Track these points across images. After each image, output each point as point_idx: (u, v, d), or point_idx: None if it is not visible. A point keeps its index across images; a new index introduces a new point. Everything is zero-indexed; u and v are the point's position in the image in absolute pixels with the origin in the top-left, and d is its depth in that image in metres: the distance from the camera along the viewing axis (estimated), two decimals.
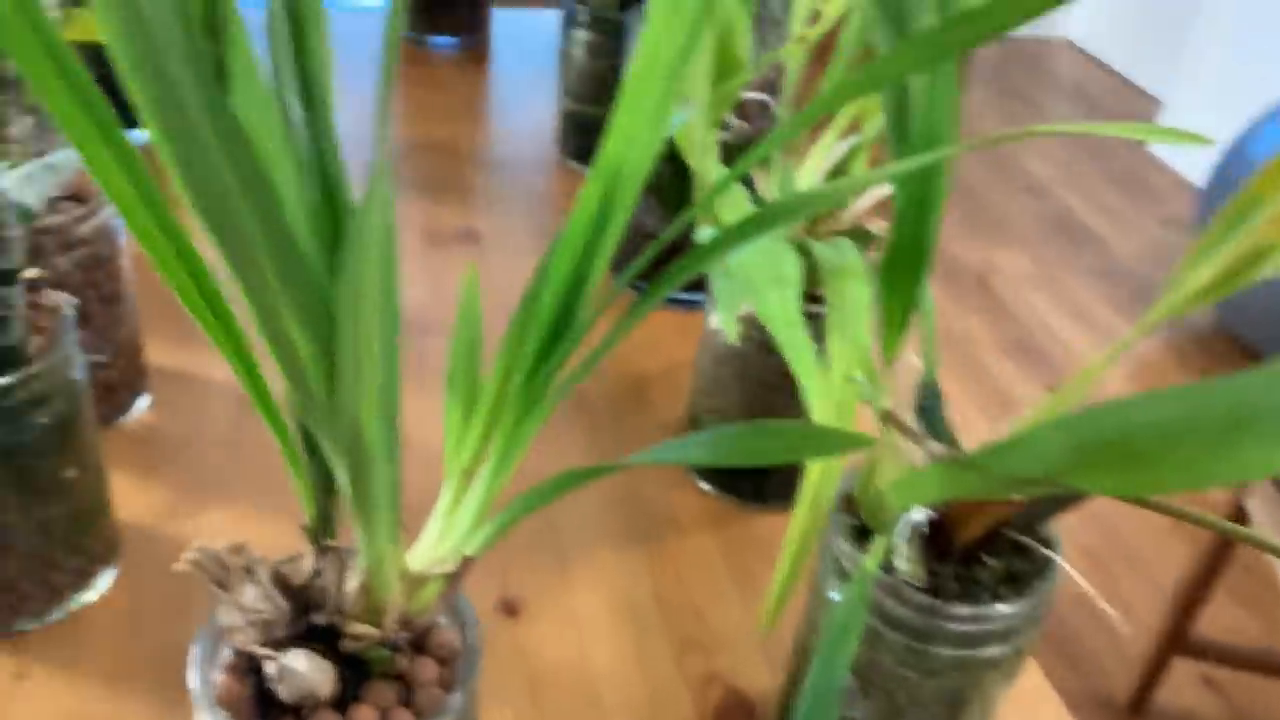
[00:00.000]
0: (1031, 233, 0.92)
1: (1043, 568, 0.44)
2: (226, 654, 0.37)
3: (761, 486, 0.65)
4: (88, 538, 0.54)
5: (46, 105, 0.28)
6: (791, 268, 0.43)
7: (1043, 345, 0.76)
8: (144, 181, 0.30)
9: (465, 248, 0.87)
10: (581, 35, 0.94)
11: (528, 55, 1.22)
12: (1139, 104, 1.21)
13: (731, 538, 0.63)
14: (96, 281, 0.61)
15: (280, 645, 0.36)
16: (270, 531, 0.60)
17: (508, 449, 0.36)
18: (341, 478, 0.32)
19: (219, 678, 0.36)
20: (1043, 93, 1.31)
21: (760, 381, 0.61)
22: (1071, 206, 0.95)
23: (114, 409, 0.65)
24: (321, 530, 0.36)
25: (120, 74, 0.23)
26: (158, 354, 0.70)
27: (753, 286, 0.42)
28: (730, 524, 0.64)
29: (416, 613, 0.37)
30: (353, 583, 0.35)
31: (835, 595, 0.46)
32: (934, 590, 0.43)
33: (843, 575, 0.45)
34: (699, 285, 0.81)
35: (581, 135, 0.99)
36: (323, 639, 0.36)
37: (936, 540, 0.44)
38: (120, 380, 0.65)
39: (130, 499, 0.60)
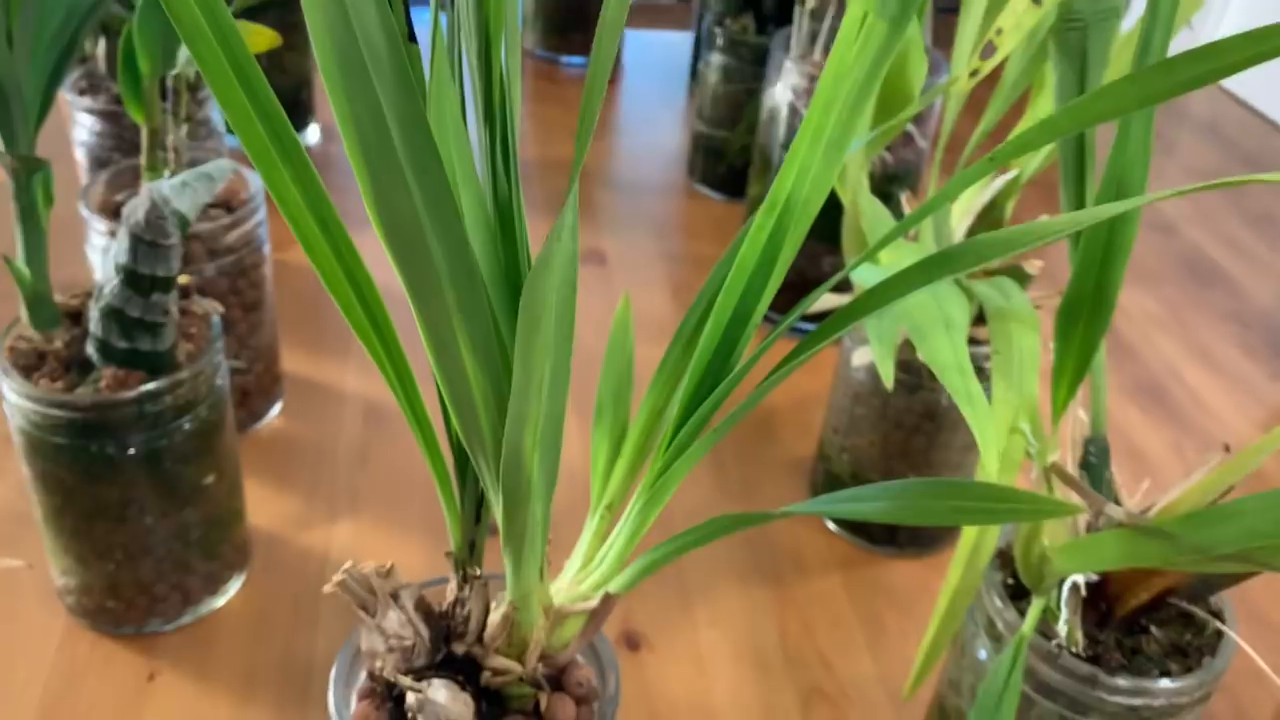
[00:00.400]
0: (1158, 272, 0.88)
1: (1213, 640, 0.41)
2: (362, 679, 0.37)
3: (894, 530, 0.62)
4: (222, 544, 0.55)
5: (226, 115, 0.28)
6: (960, 311, 0.41)
7: (1170, 390, 0.73)
8: (318, 196, 0.30)
9: (592, 268, 0.87)
10: (716, 59, 0.93)
11: (658, 77, 1.21)
12: (1274, 140, 1.16)
13: (861, 582, 0.61)
14: (240, 289, 0.61)
15: (419, 674, 0.35)
16: (397, 547, 0.60)
17: (658, 489, 0.35)
18: (496, 509, 0.32)
19: (356, 704, 0.36)
20: (1174, 128, 1.25)
21: (898, 423, 0.59)
22: (1201, 245, 0.90)
23: (250, 415, 0.66)
24: (468, 559, 0.35)
25: (325, 82, 0.23)
26: (291, 362, 0.71)
27: (916, 328, 0.40)
28: (859, 567, 0.62)
29: (556, 649, 0.36)
30: (497, 615, 0.35)
31: (984, 655, 0.44)
32: (1094, 659, 0.40)
33: (994, 635, 0.43)
34: (819, 315, 0.79)
35: (711, 159, 0.98)
36: (461, 669, 0.35)
37: (1097, 605, 0.41)
38: (257, 387, 0.66)
39: (262, 506, 0.61)
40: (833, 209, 0.46)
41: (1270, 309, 0.90)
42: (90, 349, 0.47)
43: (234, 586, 0.56)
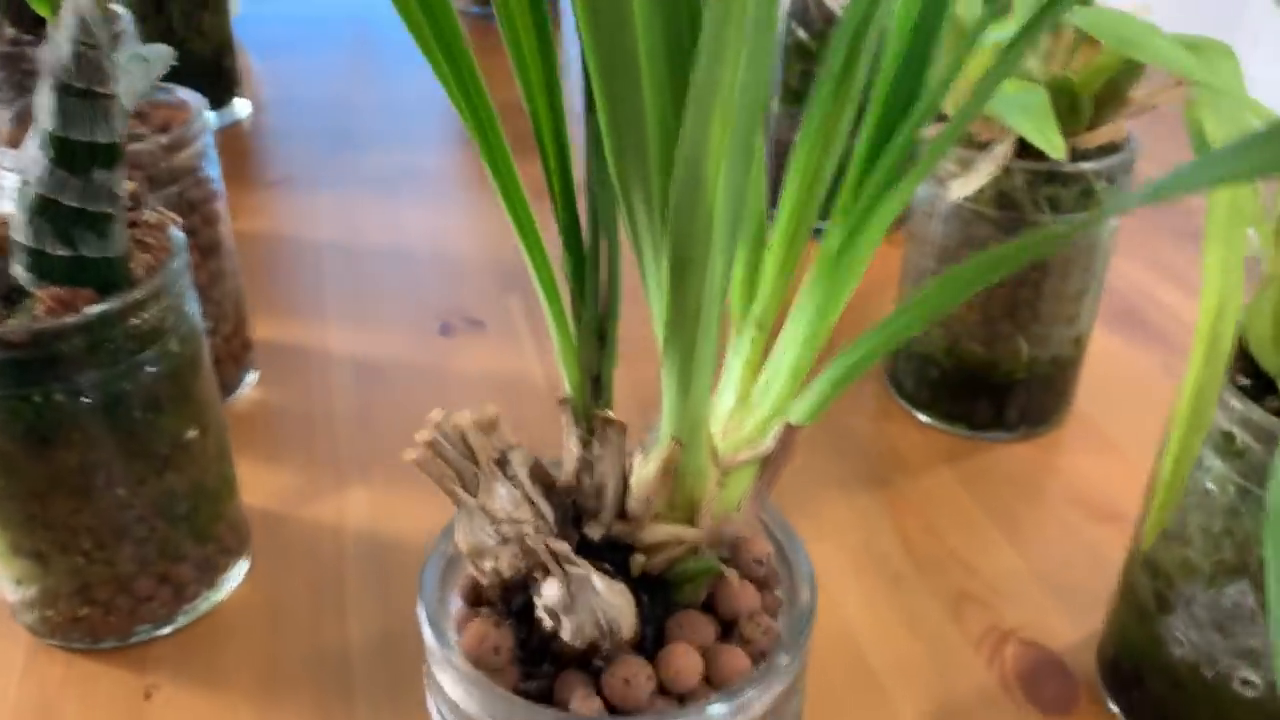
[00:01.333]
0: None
1: None
2: (457, 599, 0.26)
3: (1001, 411, 0.53)
4: (216, 522, 0.44)
5: None
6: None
7: (1148, 314, 0.65)
8: None
9: None
10: None
11: None
12: None
13: (975, 474, 0.52)
14: (193, 228, 0.51)
15: (544, 571, 0.25)
16: (435, 509, 0.50)
17: (845, 260, 0.25)
18: (656, 282, 0.22)
19: (460, 628, 0.25)
20: None
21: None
22: (1147, 172, 0.82)
23: (221, 386, 0.55)
24: (592, 402, 0.26)
25: None
26: (262, 331, 0.61)
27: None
28: (968, 459, 0.53)
29: (724, 515, 0.26)
30: (649, 467, 0.25)
31: (1213, 488, 0.35)
32: None
33: (1231, 454, 0.34)
34: None
35: None
36: (600, 559, 0.25)
37: None
38: (226, 351, 0.55)
39: (253, 484, 0.50)
40: None
41: None
42: (19, 270, 0.36)
43: (236, 575, 0.45)
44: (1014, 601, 0.45)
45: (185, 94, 0.52)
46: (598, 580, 0.23)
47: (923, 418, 0.55)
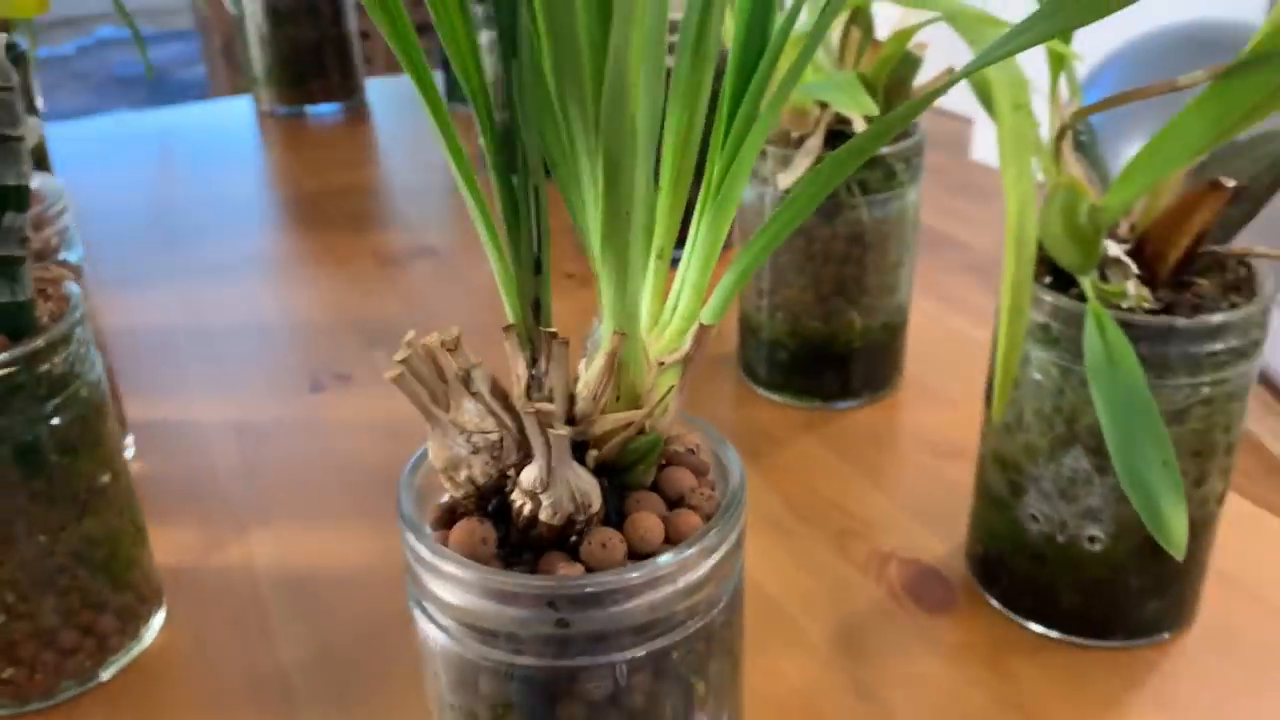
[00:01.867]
0: None
1: (1254, 275, 0.40)
2: (428, 531, 0.29)
3: (847, 380, 0.59)
4: (132, 569, 0.44)
5: None
6: None
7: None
8: None
9: (424, 261, 0.80)
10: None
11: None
12: None
13: (833, 437, 0.58)
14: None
15: (517, 469, 0.28)
16: (341, 540, 0.51)
17: (724, 192, 0.30)
18: (591, 195, 0.26)
19: (439, 532, 0.28)
20: None
21: (826, 257, 0.56)
22: None
23: None
24: (534, 325, 0.29)
25: None
26: (133, 412, 0.61)
27: None
28: (825, 426, 0.59)
29: (658, 415, 0.30)
30: (595, 367, 0.28)
31: (1039, 378, 0.41)
32: (1165, 311, 0.38)
33: (1049, 342, 0.40)
34: None
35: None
36: None
37: (1139, 274, 0.40)
38: None
39: (157, 545, 0.50)
40: None
41: None
42: None
43: (155, 624, 0.46)
44: (888, 530, 0.50)
45: (40, 178, 0.53)
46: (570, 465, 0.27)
47: (778, 398, 0.61)
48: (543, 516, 0.27)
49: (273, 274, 0.81)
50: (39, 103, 0.97)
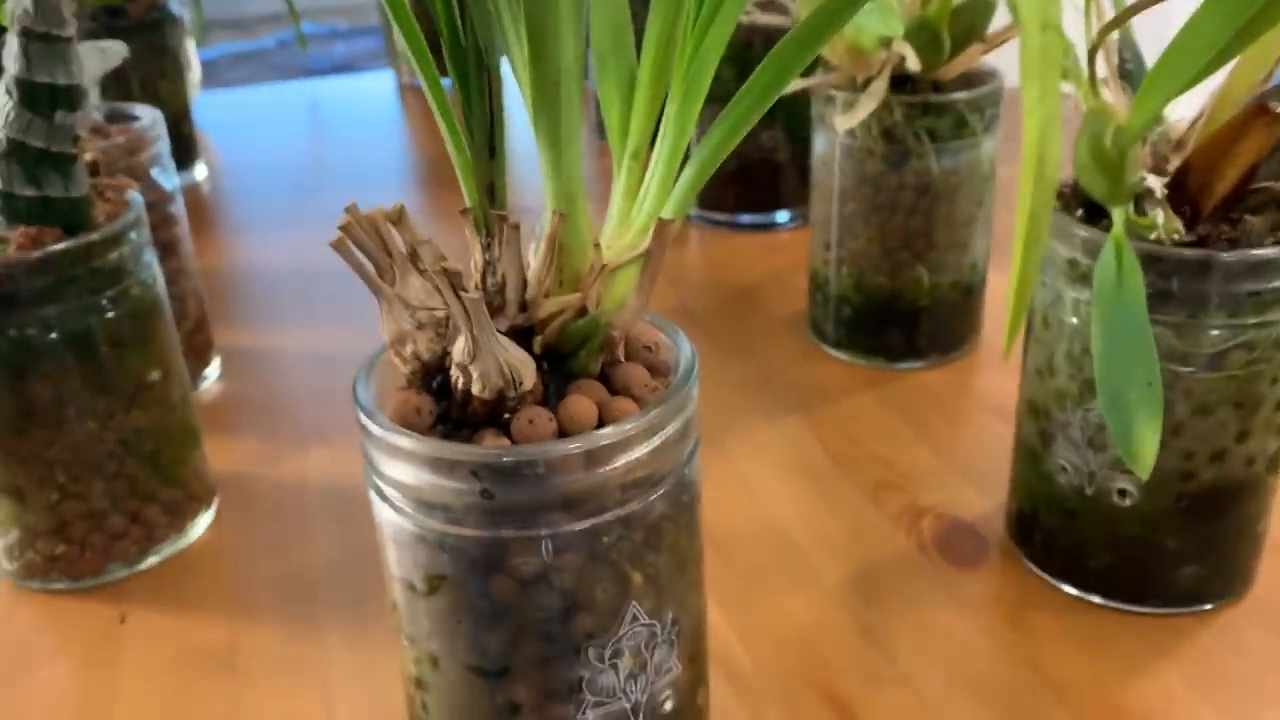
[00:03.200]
0: None
1: None
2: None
3: (913, 340, 0.58)
4: (181, 466, 0.47)
5: None
6: None
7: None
8: None
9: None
10: None
11: None
12: None
13: (894, 396, 0.56)
14: (151, 224, 0.55)
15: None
16: None
17: (694, 74, 0.30)
18: (521, 73, 0.26)
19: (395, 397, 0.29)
20: None
21: (893, 208, 0.55)
22: None
23: None
24: (488, 208, 0.30)
25: None
26: (223, 338, 0.64)
27: None
28: (886, 385, 0.57)
29: (614, 310, 0.30)
30: (539, 250, 0.29)
31: (1074, 321, 0.39)
32: (1199, 243, 0.36)
33: (1078, 279, 0.38)
34: (775, 203, 0.75)
35: None
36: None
37: (1180, 210, 0.37)
38: (188, 347, 0.59)
39: (219, 455, 0.53)
40: None
41: None
42: None
43: (203, 523, 0.48)
44: (930, 487, 0.49)
45: (143, 109, 0.57)
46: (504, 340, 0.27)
47: (843, 356, 0.59)
48: (474, 390, 0.27)
49: None
50: (194, 65, 1.04)
